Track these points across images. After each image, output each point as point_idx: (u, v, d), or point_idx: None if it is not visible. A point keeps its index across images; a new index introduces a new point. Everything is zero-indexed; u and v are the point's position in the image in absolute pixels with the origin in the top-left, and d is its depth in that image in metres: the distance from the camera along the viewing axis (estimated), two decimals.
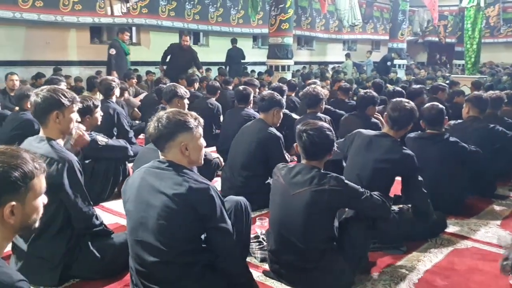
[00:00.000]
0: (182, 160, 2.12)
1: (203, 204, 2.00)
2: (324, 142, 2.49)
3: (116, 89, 5.23)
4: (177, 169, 2.07)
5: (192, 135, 2.13)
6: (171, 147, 2.11)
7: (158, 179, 2.06)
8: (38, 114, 2.61)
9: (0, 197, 1.37)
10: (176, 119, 2.11)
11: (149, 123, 2.16)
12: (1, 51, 9.23)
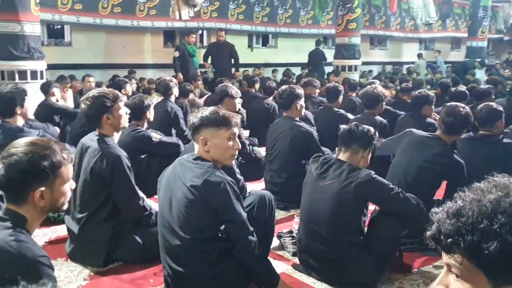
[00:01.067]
0: (205, 154, 2.26)
1: (216, 197, 2.13)
2: (361, 136, 2.55)
3: (174, 89, 5.51)
4: (201, 163, 2.21)
5: (213, 132, 2.24)
6: (196, 141, 2.27)
7: (183, 170, 2.23)
8: (91, 121, 2.89)
9: (31, 183, 1.57)
10: (210, 115, 2.26)
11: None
12: (83, 55, 10.01)
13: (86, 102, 2.82)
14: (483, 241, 0.89)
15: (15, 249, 1.46)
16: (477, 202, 0.93)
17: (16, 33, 5.71)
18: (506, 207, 0.90)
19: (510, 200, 0.92)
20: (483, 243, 0.89)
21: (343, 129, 2.63)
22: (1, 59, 5.84)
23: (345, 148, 2.61)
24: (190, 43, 9.04)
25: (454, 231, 0.92)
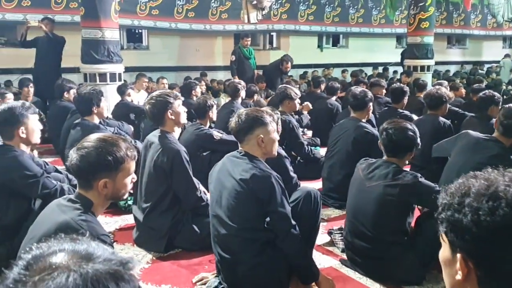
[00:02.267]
0: (257, 151, 2.44)
1: (262, 189, 2.29)
2: (403, 141, 2.58)
3: (242, 91, 5.76)
4: (249, 159, 2.40)
5: (267, 129, 2.44)
6: (249, 140, 2.45)
7: (232, 165, 2.42)
8: (156, 119, 3.17)
9: (97, 173, 1.83)
10: (253, 115, 2.44)
11: (231, 119, 2.52)
12: (158, 58, 10.60)
13: (151, 101, 3.10)
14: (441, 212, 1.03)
15: (82, 227, 1.70)
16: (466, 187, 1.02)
17: (98, 38, 6.24)
18: (478, 192, 0.98)
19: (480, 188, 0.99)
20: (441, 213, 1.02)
21: (384, 138, 2.66)
22: (85, 62, 6.39)
23: (390, 154, 2.66)
24: (245, 46, 9.26)
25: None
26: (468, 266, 0.97)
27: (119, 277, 0.75)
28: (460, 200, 1.00)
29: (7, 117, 2.79)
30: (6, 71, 8.61)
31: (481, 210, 0.95)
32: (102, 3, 6.17)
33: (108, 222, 3.68)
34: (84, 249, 0.80)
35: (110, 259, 0.78)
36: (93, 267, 0.74)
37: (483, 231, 0.94)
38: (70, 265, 0.74)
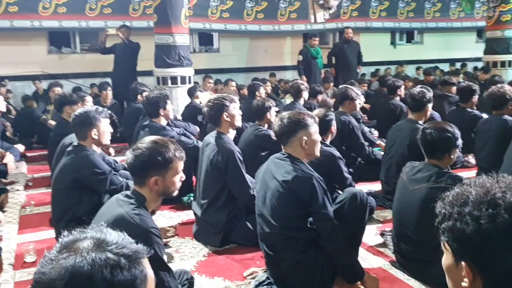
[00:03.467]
0: (300, 153, 2.54)
1: (304, 190, 2.39)
2: (439, 142, 2.55)
3: (304, 92, 5.82)
4: (292, 160, 2.51)
5: (309, 131, 2.54)
6: (292, 142, 2.55)
7: (276, 167, 2.54)
8: (212, 120, 3.39)
9: (149, 171, 2.04)
10: (295, 118, 2.54)
11: (273, 122, 2.63)
12: (228, 60, 10.94)
13: (209, 104, 3.31)
14: (442, 221, 1.06)
15: (134, 220, 1.91)
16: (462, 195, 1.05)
17: (169, 44, 6.61)
18: (473, 200, 1.01)
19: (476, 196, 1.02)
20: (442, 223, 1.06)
21: (422, 139, 2.63)
22: (157, 67, 6.80)
23: (429, 156, 2.63)
24: (313, 46, 9.24)
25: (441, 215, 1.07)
26: (474, 272, 1.01)
27: (115, 265, 0.91)
28: (460, 209, 1.03)
29: (82, 119, 3.12)
30: (91, 75, 9.35)
31: (482, 218, 0.99)
32: (173, 10, 6.52)
33: (172, 217, 3.95)
34: (103, 239, 0.97)
35: (118, 252, 0.94)
36: (97, 254, 0.91)
37: (486, 238, 0.98)
38: (83, 251, 0.92)
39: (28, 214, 4.08)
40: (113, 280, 0.90)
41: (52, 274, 0.89)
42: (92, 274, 0.89)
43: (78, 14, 8.97)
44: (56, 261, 0.91)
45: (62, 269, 0.89)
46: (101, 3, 9.14)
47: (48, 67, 9.14)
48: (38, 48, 9.20)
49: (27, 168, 5.56)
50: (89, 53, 9.49)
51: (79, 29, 9.34)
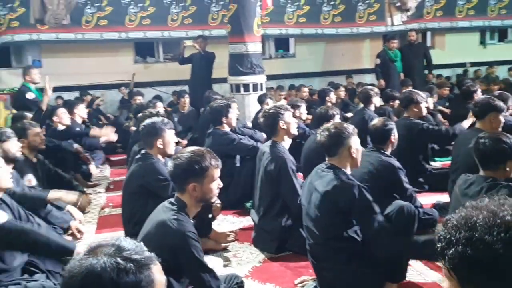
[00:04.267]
0: (346, 163, 2.56)
1: (344, 199, 2.41)
2: (492, 152, 2.41)
3: (374, 98, 5.68)
4: (334, 171, 2.54)
5: (354, 140, 2.57)
6: (341, 152, 2.58)
7: (318, 178, 2.60)
8: (268, 130, 3.52)
9: (187, 178, 2.20)
10: (335, 131, 2.56)
11: (318, 133, 2.68)
12: (304, 65, 10.97)
13: (264, 114, 3.42)
14: (448, 247, 1.01)
15: (173, 225, 2.09)
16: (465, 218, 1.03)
17: (242, 52, 6.81)
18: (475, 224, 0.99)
19: (478, 219, 0.99)
20: (447, 249, 1.01)
21: (475, 149, 2.49)
22: (231, 75, 7.04)
23: (483, 167, 2.49)
24: (391, 48, 8.94)
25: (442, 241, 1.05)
26: None
27: (122, 268, 1.06)
28: (469, 234, 1.00)
29: (149, 129, 3.37)
30: (173, 83, 9.88)
31: (496, 243, 0.97)
32: (246, 20, 6.72)
33: (234, 222, 4.09)
34: (120, 245, 1.12)
35: (128, 257, 1.09)
36: (109, 258, 1.07)
37: (503, 264, 0.96)
38: (100, 255, 1.08)
39: (106, 215, 4.44)
40: (119, 282, 1.05)
41: (74, 271, 1.07)
42: (101, 274, 1.05)
43: (161, 25, 9.53)
44: (80, 261, 1.08)
45: (81, 267, 1.07)
46: (182, 14, 9.63)
47: (135, 76, 9.81)
48: (125, 58, 9.92)
49: (110, 171, 6.04)
50: (171, 62, 10.01)
51: (162, 39, 9.94)
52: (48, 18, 7.25)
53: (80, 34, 9.08)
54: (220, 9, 9.68)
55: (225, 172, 3.83)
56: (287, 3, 10.20)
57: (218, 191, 2.27)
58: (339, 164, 2.57)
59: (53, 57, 9.41)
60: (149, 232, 2.15)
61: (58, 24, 7.66)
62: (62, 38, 8.91)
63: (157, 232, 2.11)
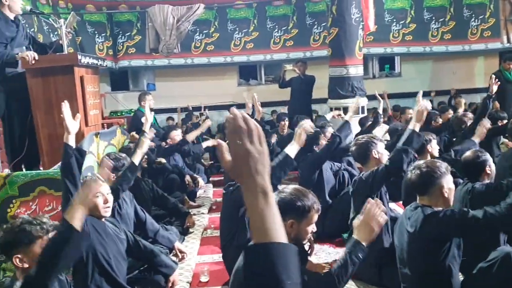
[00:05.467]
0: (438, 202, 2.43)
1: (434, 228, 2.32)
2: None
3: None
4: (423, 210, 2.42)
5: (447, 179, 2.45)
6: (432, 192, 2.46)
7: (407, 218, 2.49)
8: (360, 159, 3.47)
9: (287, 215, 2.19)
10: (427, 170, 2.45)
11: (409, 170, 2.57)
12: (411, 84, 10.50)
13: (356, 142, 3.36)
14: None
15: None
16: None
17: (343, 75, 6.77)
18: None
19: None
20: None
21: None
22: (331, 98, 7.02)
23: None
24: (508, 69, 8.18)
25: None
26: None
27: None
28: None
29: None
30: (274, 104, 10.08)
31: None
32: (347, 43, 6.68)
33: (330, 253, 4.02)
34: None
35: None
36: None
37: None
38: None
39: (208, 236, 4.62)
40: None
41: None
42: None
43: (264, 48, 9.83)
44: None
45: None
46: (284, 37, 9.84)
47: (238, 98, 10.20)
48: (230, 81, 10.37)
49: (213, 191, 6.30)
50: (272, 84, 10.23)
51: (264, 62, 10.22)
52: (162, 48, 7.86)
53: (189, 59, 9.70)
54: (322, 30, 9.72)
55: (321, 201, 3.84)
56: (392, 22, 9.93)
57: (311, 236, 2.26)
58: (430, 203, 2.46)
59: (165, 81, 10.17)
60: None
61: (170, 53, 8.28)
62: (174, 63, 9.59)
63: None
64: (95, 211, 2.74)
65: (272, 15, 9.87)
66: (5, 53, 3.81)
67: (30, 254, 2.03)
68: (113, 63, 9.50)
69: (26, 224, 2.05)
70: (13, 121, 4.06)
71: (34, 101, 3.88)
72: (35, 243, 2.05)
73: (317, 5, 9.76)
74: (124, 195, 3.45)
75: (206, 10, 9.05)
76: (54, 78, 3.85)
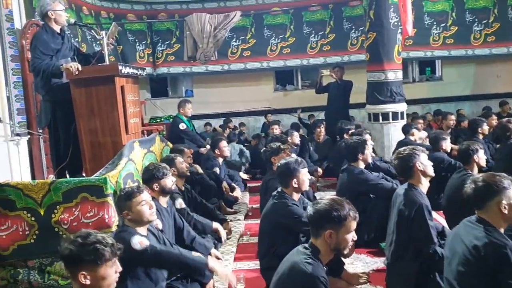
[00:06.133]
0: (496, 218, 2.34)
1: (495, 259, 2.20)
2: None
3: None
4: (484, 226, 2.34)
5: (507, 194, 2.34)
6: (489, 207, 2.37)
7: (466, 231, 2.41)
8: (403, 173, 3.35)
9: (324, 225, 2.23)
10: (490, 181, 2.35)
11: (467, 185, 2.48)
12: (452, 88, 10.26)
13: (398, 156, 3.30)
14: None
15: (306, 268, 2.14)
16: None
17: (381, 81, 6.66)
18: None
19: None
20: None
21: None
22: (369, 103, 6.91)
23: None
24: None
25: None
26: None
27: None
28: None
29: (284, 170, 3.47)
30: (311, 109, 10.04)
31: None
32: (386, 47, 6.57)
33: (367, 262, 3.97)
34: None
35: None
36: None
37: None
38: None
39: (245, 243, 4.64)
40: None
41: None
42: None
43: (301, 53, 9.83)
44: None
45: None
46: (321, 42, 9.80)
47: (274, 103, 10.22)
48: (266, 86, 10.42)
49: (249, 198, 6.32)
50: (309, 89, 10.20)
51: (301, 67, 10.21)
52: (199, 56, 7.98)
53: (226, 65, 9.82)
54: (360, 34, 9.62)
55: (359, 210, 3.77)
56: (433, 24, 9.70)
57: (352, 244, 2.25)
58: (490, 220, 2.36)
59: (202, 87, 10.34)
60: (283, 273, 2.24)
61: (207, 61, 8.42)
62: (211, 70, 9.74)
63: (290, 274, 2.19)
64: (143, 218, 2.90)
65: (308, 20, 9.86)
66: (51, 65, 3.98)
67: (95, 274, 2.00)
68: (153, 70, 9.73)
69: (98, 244, 2.02)
70: (58, 129, 4.23)
71: (77, 110, 4.01)
72: (105, 265, 2.02)
73: (355, 9, 9.67)
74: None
75: (243, 17, 9.13)
76: (96, 88, 3.97)
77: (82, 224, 3.17)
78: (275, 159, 4.48)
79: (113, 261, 2.06)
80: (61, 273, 3.19)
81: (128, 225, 2.94)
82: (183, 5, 9.64)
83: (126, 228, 2.93)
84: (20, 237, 3.23)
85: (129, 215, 2.92)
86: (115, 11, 9.22)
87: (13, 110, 5.91)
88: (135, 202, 2.90)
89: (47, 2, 4.13)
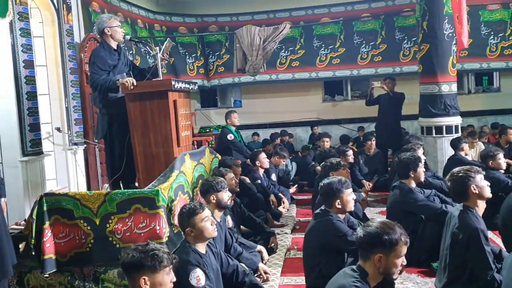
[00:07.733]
0: None
1: None
2: None
3: None
4: None
5: None
6: None
7: None
8: (458, 195, 3.24)
9: (373, 248, 2.20)
10: None
11: None
12: (511, 100, 9.80)
13: (451, 177, 3.18)
14: None
15: None
16: None
17: (434, 93, 6.45)
18: None
19: None
20: None
21: None
22: (422, 116, 6.71)
23: None
24: None
25: None
26: None
27: None
28: None
29: (327, 191, 3.40)
30: (360, 120, 9.89)
31: None
32: (440, 59, 6.37)
33: (418, 282, 3.83)
34: None
35: None
36: None
37: None
38: None
39: (292, 258, 4.58)
40: None
41: None
42: None
43: (351, 64, 9.73)
44: None
45: None
46: (372, 53, 9.67)
47: (322, 114, 10.15)
48: (315, 97, 10.38)
49: (296, 211, 6.27)
50: (359, 100, 10.06)
51: (350, 77, 10.11)
52: (248, 68, 8.08)
53: (274, 75, 9.88)
54: (412, 45, 9.40)
55: (409, 229, 3.65)
56: (490, 35, 9.34)
57: (402, 268, 2.19)
58: None
59: (251, 98, 10.44)
60: None
61: (256, 73, 8.49)
62: (259, 80, 9.80)
63: None
64: (205, 234, 2.95)
65: (359, 30, 9.76)
66: (108, 80, 4.15)
67: (153, 279, 2.14)
68: (204, 82, 9.93)
69: (157, 251, 2.17)
70: (113, 140, 4.39)
71: (132, 123, 4.16)
72: (163, 270, 2.16)
73: (407, 19, 9.48)
74: None
75: (292, 28, 9.15)
76: (150, 102, 4.11)
77: (135, 235, 3.26)
78: (333, 174, 4.40)
79: (169, 268, 2.20)
80: (114, 281, 3.29)
81: (189, 242, 2.95)
82: (233, 17, 9.81)
83: (187, 248, 2.91)
84: (77, 245, 3.35)
85: (193, 232, 2.94)
86: (168, 24, 9.51)
87: (71, 121, 6.23)
88: (199, 219, 2.94)
89: (103, 20, 4.33)
